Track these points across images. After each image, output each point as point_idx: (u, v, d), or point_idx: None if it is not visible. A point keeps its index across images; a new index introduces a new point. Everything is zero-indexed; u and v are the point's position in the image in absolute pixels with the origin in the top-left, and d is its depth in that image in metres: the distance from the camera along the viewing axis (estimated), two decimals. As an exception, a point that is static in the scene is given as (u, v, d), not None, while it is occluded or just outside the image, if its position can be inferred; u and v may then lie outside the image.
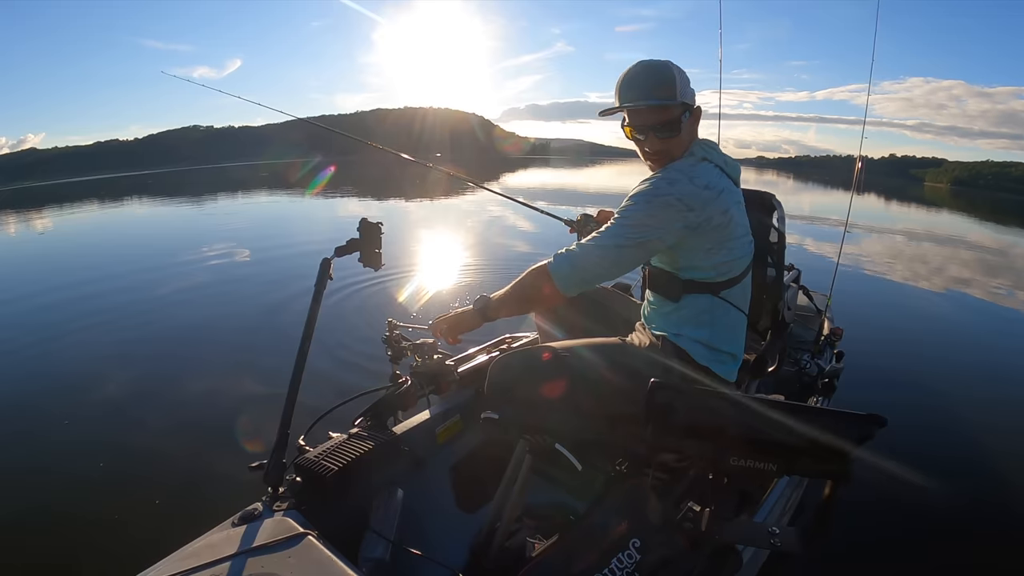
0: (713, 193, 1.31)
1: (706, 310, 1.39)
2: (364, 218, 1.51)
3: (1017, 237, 17.29)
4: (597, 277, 1.37)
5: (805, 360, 2.50)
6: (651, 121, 1.36)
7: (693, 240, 1.32)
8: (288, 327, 4.54)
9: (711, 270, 1.37)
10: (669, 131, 1.36)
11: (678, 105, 1.34)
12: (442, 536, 1.63)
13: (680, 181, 1.30)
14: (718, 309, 1.40)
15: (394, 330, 1.77)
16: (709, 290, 1.38)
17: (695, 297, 1.38)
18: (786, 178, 49.37)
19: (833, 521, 0.88)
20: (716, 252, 1.35)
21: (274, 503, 1.26)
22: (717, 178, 1.35)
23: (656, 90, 1.32)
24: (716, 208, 1.31)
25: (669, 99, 1.32)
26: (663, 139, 1.37)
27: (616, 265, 1.33)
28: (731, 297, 1.41)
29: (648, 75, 1.34)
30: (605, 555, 1.30)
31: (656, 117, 1.35)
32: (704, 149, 1.41)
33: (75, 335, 4.72)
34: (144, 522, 2.32)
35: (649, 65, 1.35)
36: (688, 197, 1.28)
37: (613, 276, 1.37)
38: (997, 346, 5.18)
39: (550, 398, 1.36)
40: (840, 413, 0.84)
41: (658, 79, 1.33)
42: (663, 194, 1.29)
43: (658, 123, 1.35)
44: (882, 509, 2.42)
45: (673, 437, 0.89)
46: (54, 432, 3.07)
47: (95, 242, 10.56)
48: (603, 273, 1.35)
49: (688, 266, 1.37)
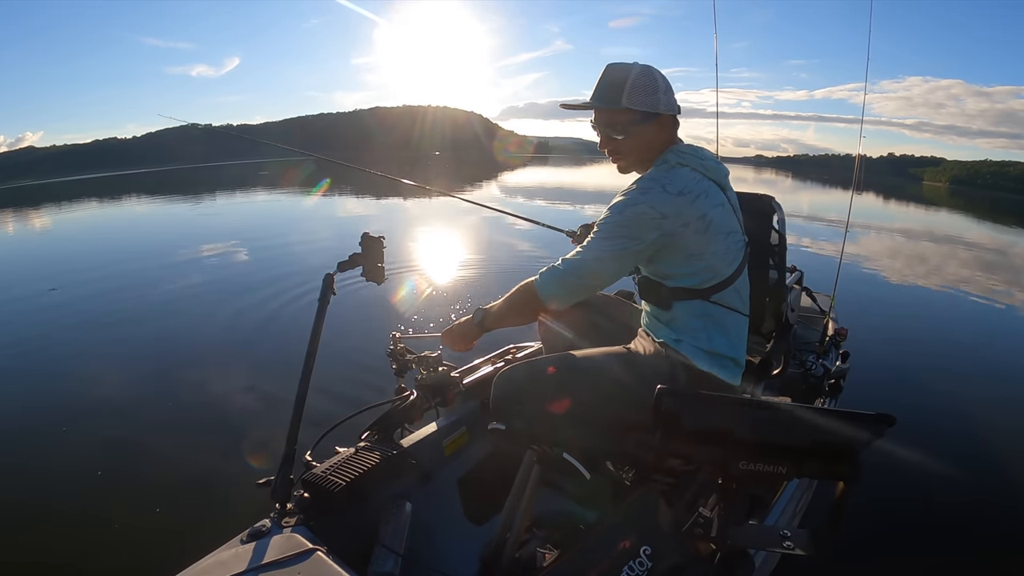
0: (688, 199, 1.31)
1: (700, 316, 1.38)
2: (366, 232, 1.52)
3: (1016, 237, 17.30)
4: (582, 291, 1.41)
5: (811, 361, 2.49)
6: (601, 120, 1.42)
7: (672, 247, 1.32)
8: (292, 342, 4.55)
9: (695, 276, 1.36)
10: (614, 131, 1.41)
11: (622, 110, 1.36)
12: (452, 549, 1.62)
13: (652, 190, 1.31)
14: (712, 314, 1.38)
15: (398, 343, 1.77)
16: (699, 296, 1.37)
17: (686, 304, 1.38)
18: (785, 177, 49.40)
19: (845, 522, 0.87)
20: (699, 258, 1.35)
21: (282, 519, 1.26)
22: (694, 183, 1.34)
23: (604, 92, 1.38)
24: (692, 214, 1.31)
25: (612, 103, 1.37)
26: (610, 138, 1.42)
27: (598, 277, 1.36)
28: (725, 300, 1.39)
29: (603, 77, 1.39)
30: (616, 563, 1.29)
31: (603, 117, 1.41)
32: (679, 155, 1.40)
33: (74, 349, 4.73)
34: (152, 540, 2.31)
35: (610, 67, 1.39)
36: (660, 204, 1.29)
37: (598, 289, 1.42)
38: (1002, 343, 5.17)
39: (555, 409, 1.36)
40: (848, 413, 0.84)
41: (607, 82, 1.37)
42: (635, 203, 1.30)
43: (605, 123, 1.41)
44: (894, 508, 2.40)
45: (681, 443, 0.89)
46: (56, 449, 3.06)
47: (94, 248, 10.48)
48: (587, 286, 1.39)
49: (671, 274, 1.38)
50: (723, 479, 0.89)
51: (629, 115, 1.37)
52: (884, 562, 2.19)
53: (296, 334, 4.71)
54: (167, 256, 8.99)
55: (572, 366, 1.40)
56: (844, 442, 0.82)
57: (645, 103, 1.36)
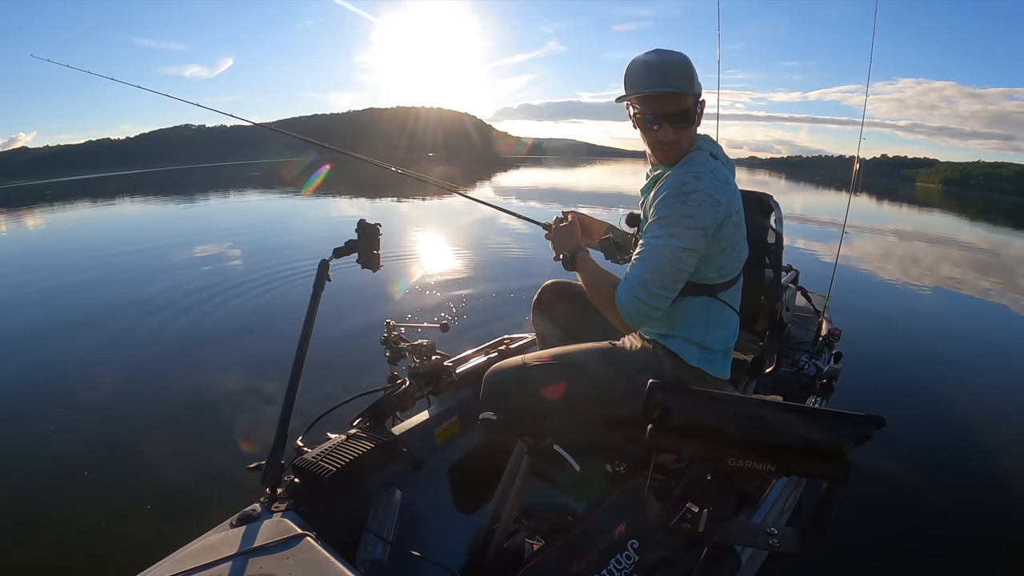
0: (732, 190, 1.30)
1: (701, 311, 1.37)
2: (362, 219, 1.51)
3: (1009, 237, 17.38)
4: (668, 301, 1.27)
5: (803, 361, 2.50)
6: (667, 109, 1.29)
7: (714, 240, 1.27)
8: (286, 328, 4.53)
9: (716, 271, 1.34)
10: (684, 121, 1.31)
11: (694, 95, 1.30)
12: (440, 537, 1.63)
13: (704, 176, 1.25)
14: (713, 309, 1.38)
15: (392, 331, 1.77)
16: (708, 292, 1.36)
17: (692, 299, 1.35)
18: (778, 178, 49.33)
19: (831, 521, 0.88)
20: (730, 251, 1.32)
21: (272, 504, 1.26)
22: (730, 175, 1.33)
23: (675, 78, 1.27)
24: (735, 205, 1.29)
25: (687, 87, 1.28)
26: (677, 129, 1.32)
27: (681, 280, 1.27)
28: (727, 297, 1.40)
29: (667, 62, 1.29)
30: (604, 556, 1.30)
31: (673, 106, 1.29)
32: (711, 144, 1.38)
33: (69, 335, 4.72)
34: (142, 523, 2.31)
35: (667, 53, 1.30)
36: (716, 191, 1.24)
37: (677, 290, 1.28)
38: (995, 345, 5.20)
39: (545, 404, 1.36)
40: (838, 414, 0.84)
41: (677, 67, 1.28)
42: (695, 190, 1.23)
43: (674, 112, 1.29)
44: (880, 509, 2.42)
45: (671, 438, 0.89)
46: (49, 433, 3.06)
47: (86, 244, 10.45)
48: (673, 289, 1.27)
49: (701, 266, 1.31)
50: (712, 475, 0.89)
51: (696, 100, 1.32)
52: (869, 562, 2.21)
53: (290, 320, 4.69)
54: (161, 246, 8.98)
55: (561, 362, 1.41)
56: (833, 442, 0.83)
57: (701, 88, 1.33)
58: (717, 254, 1.30)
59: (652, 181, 1.39)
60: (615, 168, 54.76)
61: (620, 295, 1.26)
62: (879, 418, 0.81)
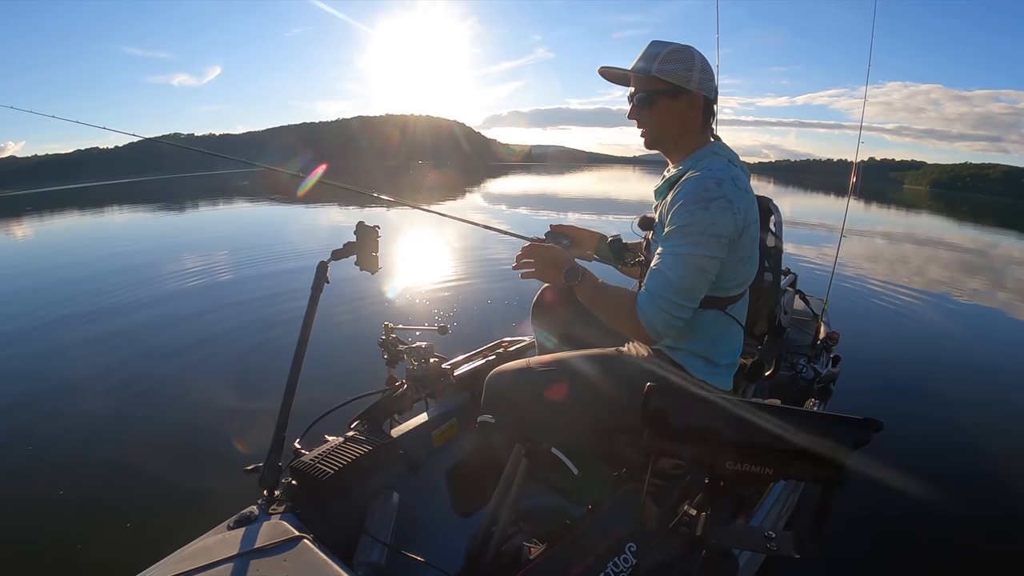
0: (751, 198, 1.28)
1: (710, 325, 1.34)
2: (361, 221, 1.51)
3: (1000, 237, 17.49)
4: (689, 313, 1.25)
5: (801, 364, 2.50)
6: (634, 87, 1.38)
7: (732, 249, 1.25)
8: (284, 330, 4.53)
9: (729, 283, 1.31)
10: (643, 103, 1.35)
11: (652, 79, 1.32)
12: (438, 540, 1.62)
13: (726, 182, 1.23)
14: (721, 324, 1.36)
15: (390, 333, 1.77)
16: (718, 305, 1.33)
17: (702, 312, 1.30)
18: (767, 182, 49.28)
19: (828, 525, 0.88)
20: (745, 263, 1.30)
21: (270, 506, 1.26)
22: (748, 183, 1.31)
23: (639, 61, 1.34)
24: (753, 215, 1.28)
25: (643, 72, 1.32)
26: (638, 108, 1.37)
27: (703, 291, 1.25)
28: (735, 311, 1.37)
29: (645, 50, 1.36)
30: (601, 559, 1.30)
31: (636, 85, 1.37)
32: (727, 151, 1.37)
33: (69, 335, 4.70)
34: (139, 525, 2.30)
35: (653, 42, 1.36)
36: (736, 199, 1.22)
37: (700, 299, 1.26)
38: (992, 348, 5.20)
39: (547, 409, 1.36)
40: (836, 417, 0.84)
41: (645, 54, 1.34)
42: (716, 197, 1.20)
43: (634, 92, 1.37)
44: (878, 513, 2.42)
45: (669, 441, 0.89)
46: (46, 435, 3.05)
47: (81, 247, 10.44)
48: (697, 299, 1.25)
49: (717, 277, 1.28)
50: (710, 478, 0.89)
51: (659, 85, 1.32)
52: (866, 565, 2.21)
53: (288, 322, 4.69)
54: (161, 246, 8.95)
55: (563, 368, 1.40)
56: (830, 446, 0.83)
57: (676, 76, 1.31)
58: (733, 264, 1.28)
59: (667, 184, 1.38)
60: (604, 175, 54.45)
61: (642, 307, 1.23)
62: (877, 421, 0.81)
